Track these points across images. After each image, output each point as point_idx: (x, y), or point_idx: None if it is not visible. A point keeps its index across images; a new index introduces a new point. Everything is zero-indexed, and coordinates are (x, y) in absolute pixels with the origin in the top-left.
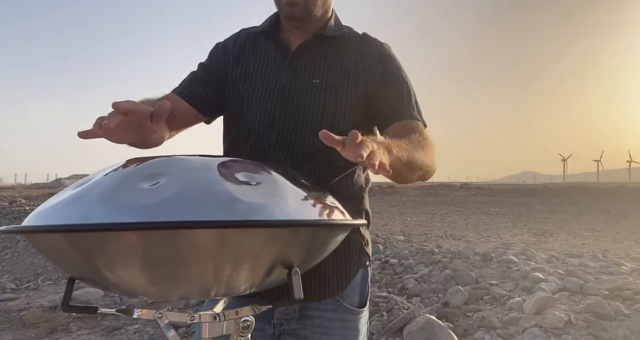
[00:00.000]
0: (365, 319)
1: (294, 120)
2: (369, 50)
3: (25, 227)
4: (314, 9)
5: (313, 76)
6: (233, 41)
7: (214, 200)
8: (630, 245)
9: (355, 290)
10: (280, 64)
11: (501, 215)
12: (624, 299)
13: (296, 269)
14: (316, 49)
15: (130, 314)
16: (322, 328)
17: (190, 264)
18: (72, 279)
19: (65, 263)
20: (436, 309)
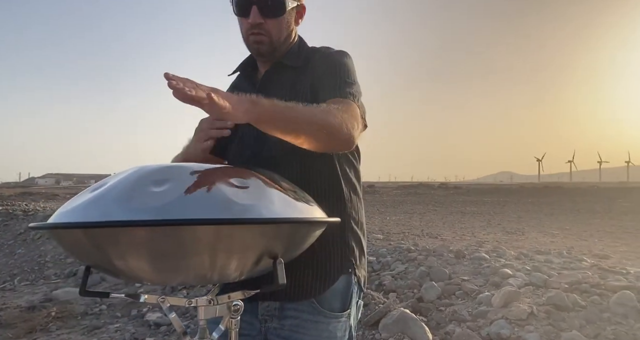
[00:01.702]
0: (346, 324)
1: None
2: (318, 60)
3: (58, 223)
4: (278, 46)
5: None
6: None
7: (212, 202)
8: (595, 242)
9: (337, 295)
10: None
11: (477, 215)
12: (582, 291)
13: (280, 259)
14: (276, 74)
15: (138, 299)
16: (298, 328)
17: (192, 255)
18: (88, 268)
19: (83, 254)
20: (411, 304)
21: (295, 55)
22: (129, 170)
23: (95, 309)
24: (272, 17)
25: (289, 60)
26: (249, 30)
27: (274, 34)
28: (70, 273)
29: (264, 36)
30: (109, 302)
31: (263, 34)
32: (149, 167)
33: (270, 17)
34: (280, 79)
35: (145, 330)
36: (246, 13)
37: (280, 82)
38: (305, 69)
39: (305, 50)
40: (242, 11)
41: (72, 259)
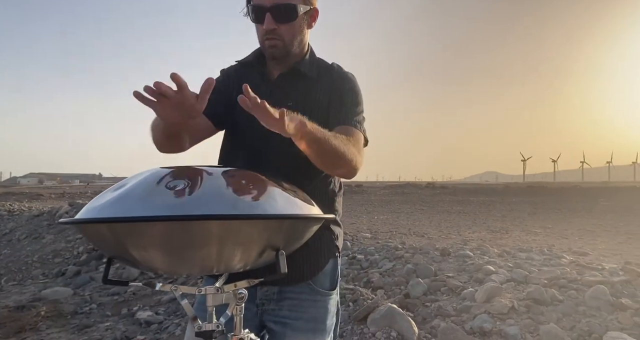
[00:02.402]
0: (335, 300)
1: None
2: (334, 80)
3: (87, 219)
4: (291, 49)
5: (288, 100)
6: (234, 70)
7: (222, 199)
8: (575, 240)
9: (327, 276)
10: (263, 91)
11: (463, 214)
12: (560, 286)
13: (282, 251)
14: (292, 78)
15: (153, 287)
16: (297, 307)
17: (203, 247)
18: (110, 259)
19: (107, 246)
20: (398, 300)
21: (310, 65)
22: (147, 172)
23: (85, 308)
24: (285, 22)
25: (305, 68)
26: (264, 35)
27: (287, 39)
28: (58, 273)
29: (278, 41)
30: (99, 301)
31: (277, 38)
32: (165, 169)
33: (283, 23)
34: (296, 85)
35: (136, 329)
36: (261, 20)
37: (296, 87)
38: (319, 81)
39: (317, 61)
40: (257, 18)
41: (60, 258)
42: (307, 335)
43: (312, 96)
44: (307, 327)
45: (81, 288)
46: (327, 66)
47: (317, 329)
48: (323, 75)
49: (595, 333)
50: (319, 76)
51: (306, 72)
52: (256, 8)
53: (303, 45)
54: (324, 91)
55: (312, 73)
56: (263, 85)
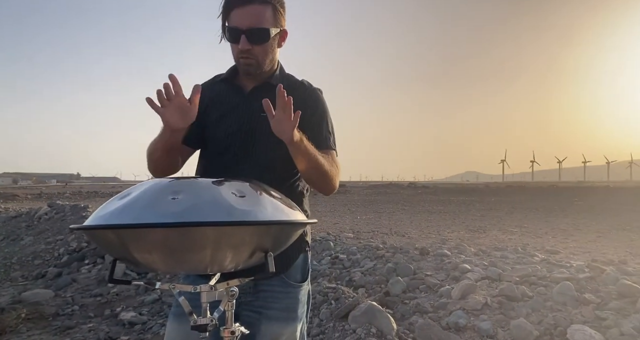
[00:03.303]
0: (306, 290)
1: (249, 140)
2: (304, 96)
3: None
4: (263, 66)
5: (262, 110)
6: (208, 85)
7: (218, 208)
8: (549, 239)
9: (298, 269)
10: (238, 103)
11: (443, 214)
12: (530, 283)
13: (270, 252)
14: (264, 92)
15: (153, 285)
16: (271, 298)
17: (201, 249)
18: (115, 260)
19: (113, 249)
20: (378, 298)
21: (280, 79)
22: (149, 182)
23: (67, 310)
24: (259, 43)
25: (275, 82)
26: (239, 54)
27: (260, 58)
28: (38, 275)
29: (252, 59)
30: (81, 302)
31: (251, 57)
32: (166, 180)
33: (257, 44)
34: (266, 97)
35: (120, 329)
36: (237, 40)
37: (264, 96)
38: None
39: (286, 75)
40: (233, 39)
41: (40, 260)
42: (280, 323)
43: None
44: (280, 315)
45: (63, 290)
46: (297, 81)
47: (289, 317)
48: (292, 89)
49: (560, 326)
50: (288, 88)
51: (276, 84)
52: (233, 30)
53: (274, 62)
54: (294, 103)
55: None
56: (238, 97)
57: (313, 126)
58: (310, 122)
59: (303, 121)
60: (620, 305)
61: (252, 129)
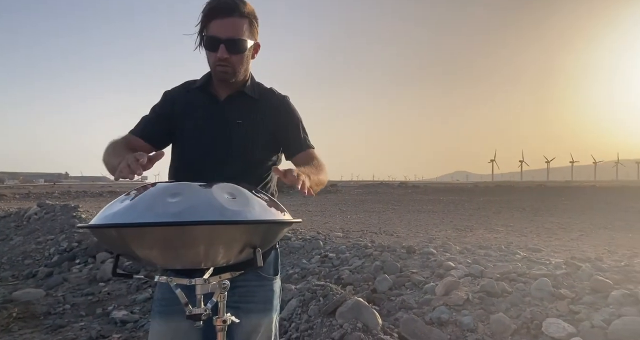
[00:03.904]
0: (278, 283)
1: (224, 146)
2: (275, 103)
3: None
4: (238, 75)
5: (237, 118)
6: (180, 93)
7: (211, 208)
8: (532, 238)
9: (270, 264)
10: (214, 110)
11: (432, 213)
12: (510, 280)
13: (258, 249)
14: (238, 100)
15: (152, 278)
16: (248, 293)
17: (196, 246)
18: (118, 256)
19: (115, 246)
20: (366, 295)
21: (252, 88)
22: (150, 185)
23: (59, 309)
24: (236, 53)
25: (248, 91)
26: (216, 62)
27: (237, 66)
28: (29, 274)
29: (229, 68)
30: (72, 301)
31: (228, 66)
32: (164, 184)
33: (235, 54)
34: (241, 105)
35: (112, 328)
36: (215, 49)
37: (241, 107)
38: (260, 101)
39: (257, 84)
40: (212, 47)
41: (31, 260)
42: (259, 315)
43: (255, 115)
44: (258, 307)
45: (54, 289)
46: (266, 89)
47: (266, 308)
48: (263, 95)
49: (537, 320)
50: (260, 96)
51: (249, 94)
52: (212, 39)
53: (247, 72)
54: (264, 111)
55: (255, 94)
56: (212, 105)
57: (291, 131)
58: (288, 128)
59: (279, 126)
60: (593, 300)
61: (227, 137)
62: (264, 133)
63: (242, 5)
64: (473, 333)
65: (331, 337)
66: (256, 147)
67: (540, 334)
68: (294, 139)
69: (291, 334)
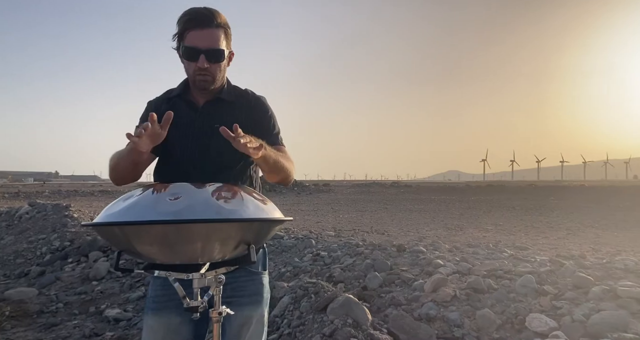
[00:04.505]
0: (267, 278)
1: (205, 150)
2: (250, 103)
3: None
4: (217, 82)
5: (214, 122)
6: (162, 101)
7: (209, 207)
8: (521, 236)
9: (259, 261)
10: (193, 116)
11: (424, 212)
12: (496, 277)
13: (252, 245)
14: (216, 105)
15: (152, 273)
16: (239, 288)
17: (194, 242)
18: (120, 252)
19: (117, 243)
20: (356, 292)
21: (228, 92)
22: (151, 186)
23: (52, 307)
24: (215, 62)
25: (224, 96)
26: (196, 71)
27: (216, 74)
28: (21, 273)
29: (209, 76)
30: (65, 300)
31: (208, 74)
32: (164, 184)
33: (214, 63)
34: (219, 109)
35: (105, 326)
36: (195, 58)
37: (219, 112)
38: (237, 103)
39: (233, 88)
40: (192, 57)
41: (22, 259)
42: (251, 307)
43: (233, 117)
44: (250, 300)
45: (46, 288)
46: (242, 91)
47: (257, 300)
48: (239, 98)
49: (520, 315)
50: (236, 99)
51: (226, 98)
52: (192, 49)
53: (224, 79)
54: (242, 110)
55: (231, 98)
56: (192, 112)
57: (265, 128)
58: (262, 125)
59: (255, 124)
60: (574, 296)
61: (207, 141)
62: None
63: (217, 16)
64: (460, 328)
65: (322, 332)
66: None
67: (524, 328)
68: (267, 135)
69: (283, 330)
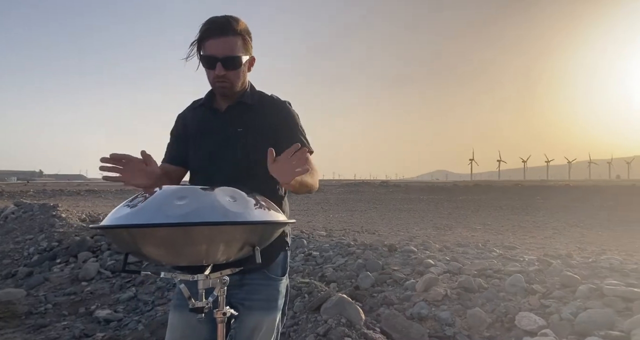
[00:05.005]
0: (285, 284)
1: (228, 154)
2: (275, 109)
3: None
4: (236, 88)
5: (238, 126)
6: (188, 112)
7: (215, 210)
8: (508, 236)
9: (279, 265)
10: (216, 121)
11: (413, 212)
12: (486, 276)
13: (257, 247)
14: (238, 109)
15: (158, 275)
16: (254, 290)
17: (201, 244)
18: (127, 254)
19: (124, 245)
20: (349, 292)
21: (250, 96)
22: (156, 189)
23: (40, 309)
24: (232, 69)
25: (247, 100)
26: (215, 78)
27: (234, 81)
28: (8, 274)
29: (227, 83)
30: (54, 301)
31: (226, 81)
32: (172, 187)
33: (231, 70)
34: (242, 113)
35: (95, 327)
36: (213, 67)
37: (242, 115)
38: (260, 108)
39: (257, 92)
40: (210, 65)
41: (9, 260)
42: (262, 312)
43: (256, 121)
44: (262, 305)
45: (35, 289)
46: (267, 96)
47: (270, 306)
48: (263, 103)
49: (510, 314)
50: (260, 104)
51: (248, 102)
52: (209, 58)
53: (245, 84)
54: (266, 116)
55: (254, 102)
56: (215, 118)
57: (290, 132)
58: (286, 129)
59: (278, 128)
60: (562, 294)
61: (230, 143)
62: (265, 137)
63: (234, 23)
64: (451, 327)
65: (316, 332)
66: (258, 151)
67: (514, 327)
68: (293, 141)
69: None
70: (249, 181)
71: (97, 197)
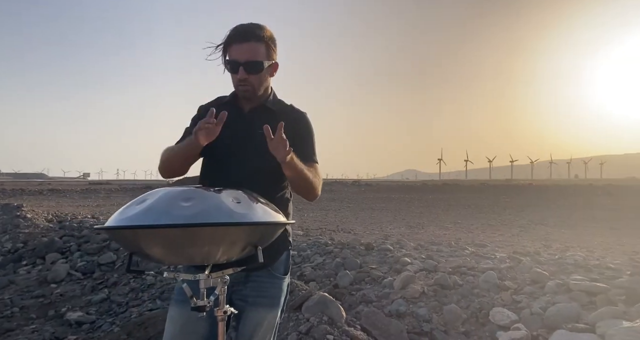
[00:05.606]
0: (287, 282)
1: (247, 152)
2: (294, 118)
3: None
4: (258, 92)
5: (258, 127)
6: (215, 106)
7: (220, 211)
8: (478, 234)
9: (282, 264)
10: (239, 121)
11: (385, 211)
12: (461, 273)
13: (259, 247)
14: (260, 112)
15: (162, 274)
16: (258, 288)
17: (206, 245)
18: (131, 254)
19: (130, 245)
20: (328, 290)
21: (273, 103)
22: (163, 190)
23: (6, 312)
24: (254, 73)
25: (270, 105)
26: (238, 82)
27: (256, 85)
28: None
29: (249, 86)
30: (21, 304)
31: (248, 85)
32: (177, 188)
33: (253, 74)
34: (263, 116)
35: (66, 329)
36: (236, 71)
37: (263, 118)
38: (280, 115)
39: (278, 100)
40: (233, 70)
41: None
42: (265, 309)
43: (274, 126)
44: (265, 302)
45: None
46: (286, 105)
47: (272, 304)
48: (283, 110)
49: (484, 309)
50: (280, 111)
51: (270, 107)
52: (233, 62)
53: (267, 88)
54: (287, 124)
55: (275, 107)
56: (239, 117)
57: (302, 142)
58: (301, 140)
59: (294, 138)
60: (532, 290)
61: (249, 142)
62: None
63: (258, 30)
64: (428, 323)
65: (298, 330)
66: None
67: (488, 322)
68: (302, 149)
69: None
70: (259, 181)
71: (62, 197)
